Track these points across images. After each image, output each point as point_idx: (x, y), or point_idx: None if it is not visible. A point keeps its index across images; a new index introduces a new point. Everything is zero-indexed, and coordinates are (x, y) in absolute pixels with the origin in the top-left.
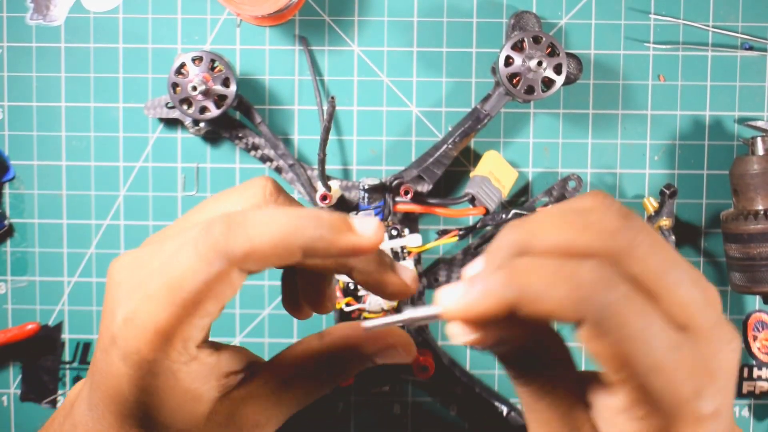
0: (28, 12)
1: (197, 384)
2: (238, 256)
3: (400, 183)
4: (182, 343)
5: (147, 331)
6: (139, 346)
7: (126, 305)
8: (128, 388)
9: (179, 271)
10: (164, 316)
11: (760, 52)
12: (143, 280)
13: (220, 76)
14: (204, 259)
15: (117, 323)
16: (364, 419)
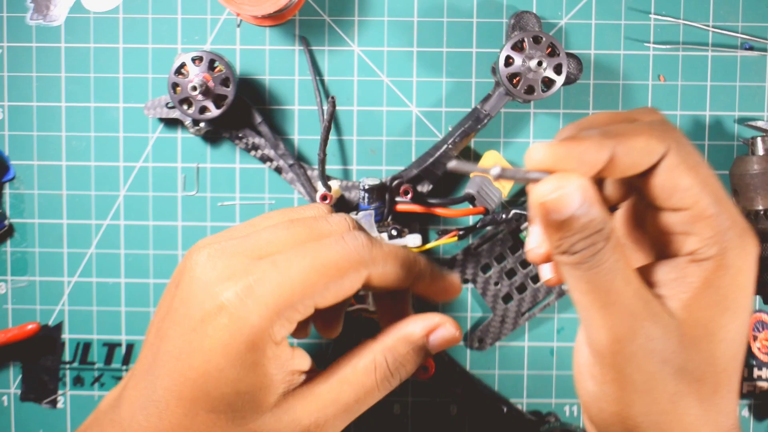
0: (28, 12)
1: (274, 370)
2: (377, 261)
3: (400, 183)
4: (286, 322)
5: (263, 301)
6: (251, 314)
7: (236, 283)
8: (217, 359)
9: (321, 256)
10: (289, 292)
11: (760, 52)
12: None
13: (220, 76)
14: (349, 253)
15: (226, 296)
16: (364, 419)
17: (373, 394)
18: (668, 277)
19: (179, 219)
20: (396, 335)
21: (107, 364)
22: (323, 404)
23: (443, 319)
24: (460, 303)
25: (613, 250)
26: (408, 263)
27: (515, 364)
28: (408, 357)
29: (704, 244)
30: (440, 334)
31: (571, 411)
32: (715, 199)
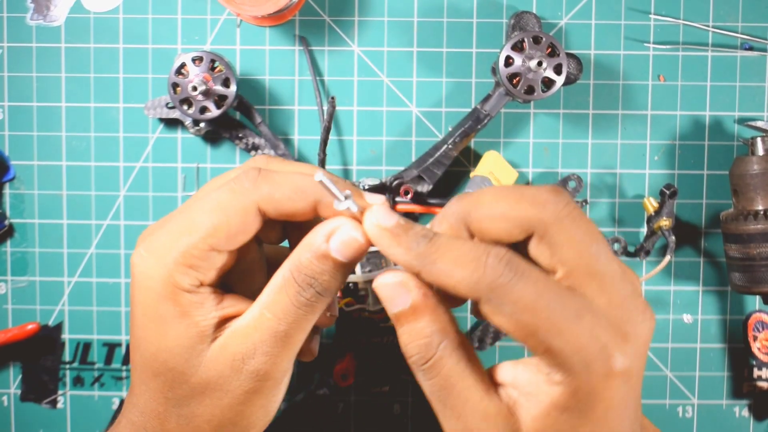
0: (28, 12)
1: (199, 317)
2: (264, 193)
3: (400, 183)
4: (186, 270)
5: (157, 254)
6: (149, 269)
7: (145, 241)
8: (142, 317)
9: (206, 205)
10: (178, 242)
11: (760, 52)
12: (162, 224)
13: (220, 76)
14: (233, 194)
15: (135, 255)
16: (364, 419)
17: (292, 313)
18: (525, 388)
19: None
20: (300, 247)
21: (107, 364)
22: (248, 332)
23: (343, 221)
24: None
25: (450, 359)
26: (302, 187)
27: None
28: (313, 265)
29: (549, 370)
30: (338, 237)
31: None
32: (544, 337)
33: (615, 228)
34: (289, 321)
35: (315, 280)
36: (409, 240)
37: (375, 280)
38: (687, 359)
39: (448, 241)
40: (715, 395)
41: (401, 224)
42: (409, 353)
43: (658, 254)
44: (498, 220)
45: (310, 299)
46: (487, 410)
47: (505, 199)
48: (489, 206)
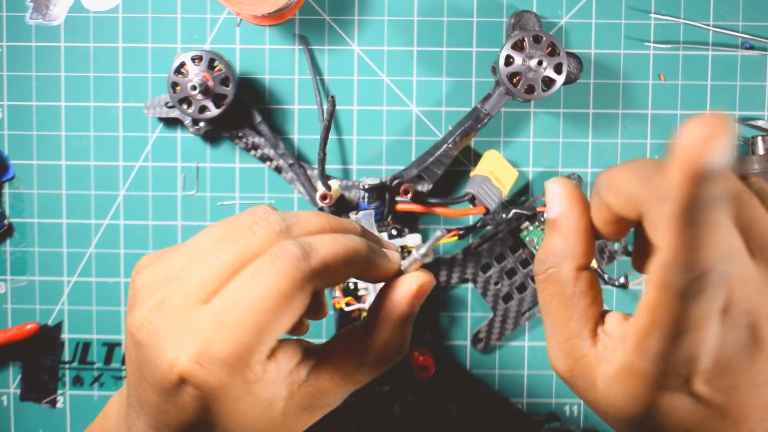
0: (27, 11)
1: (269, 392)
2: (318, 271)
3: (400, 183)
4: (257, 365)
5: (225, 363)
6: (218, 379)
7: (186, 347)
8: (206, 417)
9: (259, 292)
10: (245, 341)
11: (761, 51)
12: (193, 317)
13: (219, 76)
14: (286, 276)
15: (183, 365)
16: (364, 419)
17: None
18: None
19: (179, 219)
20: (389, 331)
21: (107, 364)
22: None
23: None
24: (460, 303)
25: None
26: (349, 260)
27: (515, 364)
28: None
29: None
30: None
31: (571, 411)
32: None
33: None
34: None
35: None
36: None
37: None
38: None
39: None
40: None
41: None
42: (538, 258)
43: None
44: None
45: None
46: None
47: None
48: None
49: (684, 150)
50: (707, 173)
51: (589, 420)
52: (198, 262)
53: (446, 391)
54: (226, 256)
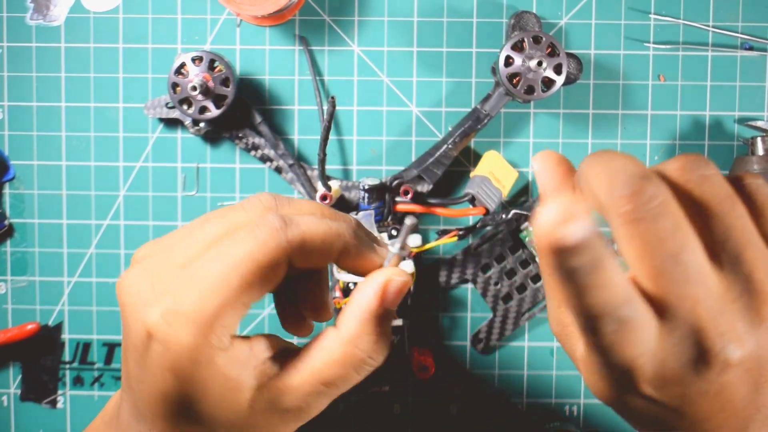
0: (28, 12)
1: (236, 371)
2: (294, 244)
3: (400, 183)
4: (222, 330)
5: (190, 320)
6: (181, 336)
7: (158, 304)
8: (172, 382)
9: (233, 256)
10: (211, 301)
11: (760, 52)
12: (170, 278)
13: (220, 76)
14: (263, 244)
15: (152, 321)
16: (364, 419)
17: (351, 380)
18: None
19: (179, 219)
20: (356, 320)
21: (107, 364)
22: (301, 396)
23: (387, 276)
24: (460, 303)
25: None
26: (329, 240)
27: (515, 364)
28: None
29: None
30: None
31: (570, 411)
32: None
33: None
34: (345, 385)
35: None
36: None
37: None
38: None
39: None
40: None
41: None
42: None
43: None
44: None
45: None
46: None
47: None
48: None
49: (540, 231)
50: (566, 248)
51: (589, 420)
52: (187, 235)
53: (446, 391)
54: (212, 228)
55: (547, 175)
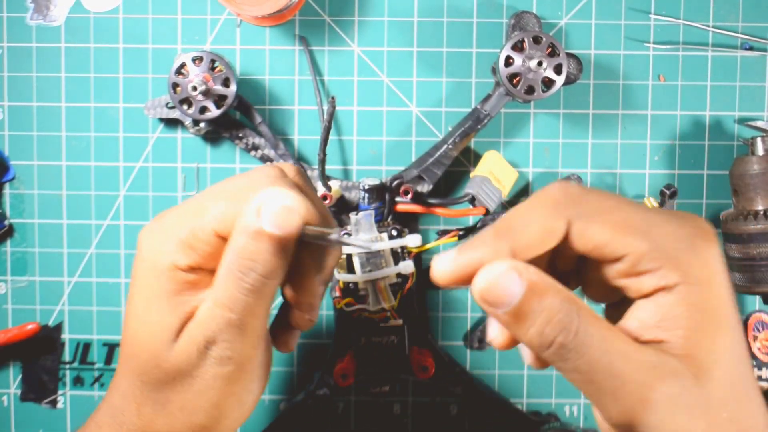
0: (28, 12)
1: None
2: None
3: (400, 183)
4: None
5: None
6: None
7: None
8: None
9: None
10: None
11: (760, 52)
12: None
13: (220, 76)
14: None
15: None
16: (364, 419)
17: (240, 301)
18: (654, 320)
19: None
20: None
21: (107, 364)
22: (206, 321)
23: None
24: (461, 303)
25: (592, 322)
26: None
27: (515, 364)
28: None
29: (659, 277)
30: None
31: (571, 411)
32: (640, 233)
33: None
34: (239, 309)
35: (255, 262)
36: (477, 241)
37: (476, 285)
38: None
39: (509, 214)
40: None
41: (459, 249)
42: (550, 337)
43: None
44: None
45: (254, 284)
46: (650, 360)
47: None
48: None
49: None
50: None
51: (589, 420)
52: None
53: (446, 391)
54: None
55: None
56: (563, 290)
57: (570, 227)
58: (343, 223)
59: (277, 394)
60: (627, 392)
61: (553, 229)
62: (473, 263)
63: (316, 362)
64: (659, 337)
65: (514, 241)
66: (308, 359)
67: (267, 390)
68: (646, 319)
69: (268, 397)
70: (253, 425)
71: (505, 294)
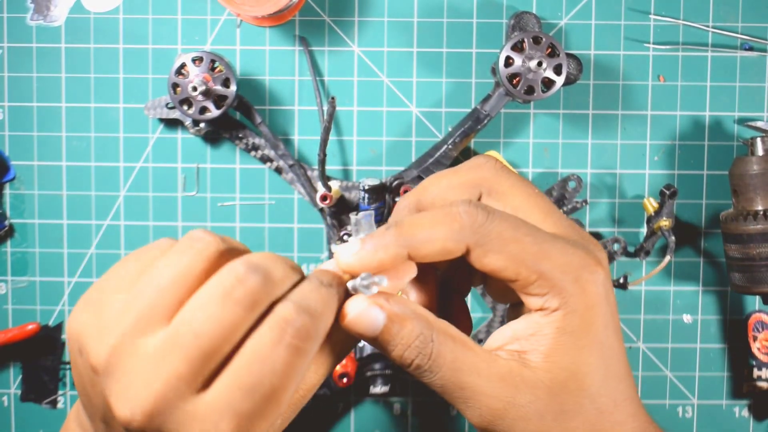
0: (28, 12)
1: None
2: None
3: (400, 183)
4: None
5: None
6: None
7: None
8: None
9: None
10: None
11: (760, 52)
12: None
13: (220, 77)
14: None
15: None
16: (364, 419)
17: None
18: (526, 333)
19: (179, 219)
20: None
21: None
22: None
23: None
24: None
25: (446, 344)
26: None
27: None
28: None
29: (544, 300)
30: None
31: None
32: (535, 260)
33: (615, 228)
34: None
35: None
36: (379, 240)
37: (345, 315)
38: (687, 359)
39: (413, 217)
40: (715, 395)
41: (362, 240)
42: (408, 359)
43: (658, 254)
44: (446, 191)
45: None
46: (500, 372)
47: (446, 176)
48: (434, 185)
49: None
50: None
51: None
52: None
53: None
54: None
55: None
56: (423, 317)
57: (470, 252)
58: (343, 223)
59: None
60: (478, 402)
61: (451, 250)
62: (373, 263)
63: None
64: (524, 348)
65: (414, 249)
66: None
67: None
68: (520, 330)
69: None
70: None
71: (368, 325)
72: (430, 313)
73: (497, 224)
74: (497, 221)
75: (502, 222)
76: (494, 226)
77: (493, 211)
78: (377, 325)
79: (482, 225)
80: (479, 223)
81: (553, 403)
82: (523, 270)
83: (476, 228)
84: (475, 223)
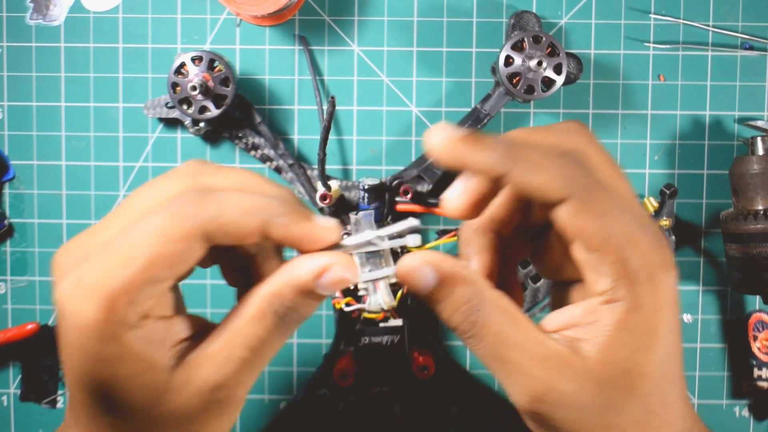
0: (28, 12)
1: (149, 351)
2: (208, 221)
3: (400, 183)
4: (129, 306)
5: (93, 291)
6: (83, 308)
7: (69, 276)
8: (82, 363)
9: (143, 232)
10: (117, 277)
11: (760, 51)
12: (90, 251)
13: (219, 76)
14: (172, 220)
15: (61, 293)
16: (364, 419)
17: (269, 343)
18: (584, 320)
19: None
20: (282, 279)
21: None
22: (219, 364)
23: (332, 260)
24: None
25: (494, 315)
26: (249, 216)
27: None
28: (295, 299)
29: (614, 285)
30: (330, 277)
31: None
32: (624, 241)
33: None
34: (267, 352)
35: (296, 311)
36: (489, 142)
37: (398, 268)
38: (687, 359)
39: (528, 145)
40: (715, 395)
41: (473, 130)
42: (454, 323)
43: None
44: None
45: (287, 329)
46: (547, 354)
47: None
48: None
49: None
50: None
51: None
52: (115, 211)
53: (446, 391)
54: (136, 203)
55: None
56: (475, 283)
57: (565, 204)
58: (343, 223)
59: (277, 394)
60: (519, 380)
61: (549, 195)
62: (467, 157)
63: (313, 362)
64: (579, 336)
65: (517, 174)
66: (308, 359)
67: (267, 390)
68: (578, 317)
69: (268, 397)
70: (253, 425)
71: (420, 282)
72: (484, 281)
73: (603, 193)
74: (601, 192)
75: (606, 193)
76: (599, 190)
77: (598, 179)
78: (428, 283)
79: (590, 184)
80: (588, 182)
81: (599, 396)
82: (607, 246)
83: (586, 183)
84: (585, 178)
